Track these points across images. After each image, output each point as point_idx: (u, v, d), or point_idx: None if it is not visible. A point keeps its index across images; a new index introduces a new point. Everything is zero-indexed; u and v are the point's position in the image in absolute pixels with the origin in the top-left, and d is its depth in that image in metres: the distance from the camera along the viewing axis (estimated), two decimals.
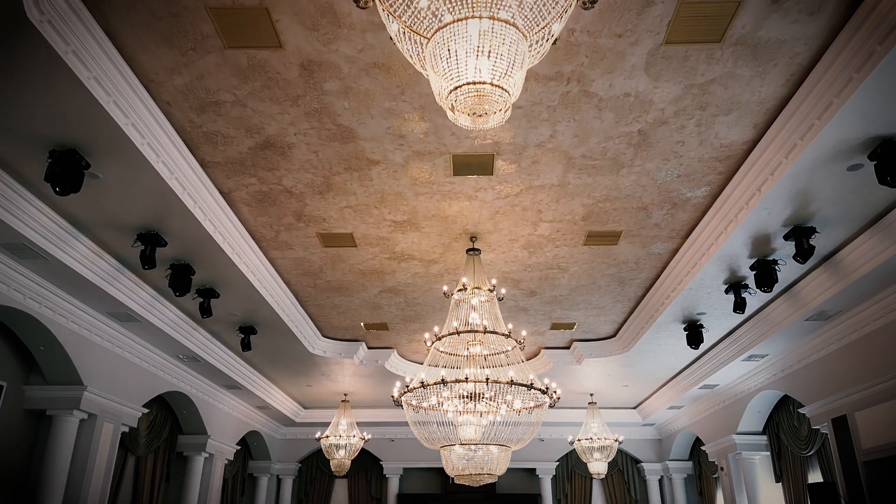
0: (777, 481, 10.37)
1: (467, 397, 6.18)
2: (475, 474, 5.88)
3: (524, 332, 6.45)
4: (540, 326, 9.65)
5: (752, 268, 6.58)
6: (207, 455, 11.06)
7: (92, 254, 6.32)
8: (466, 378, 5.63)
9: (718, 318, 8.29)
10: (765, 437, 10.64)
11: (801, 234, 5.80)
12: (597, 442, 11.76)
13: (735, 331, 8.74)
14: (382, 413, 14.20)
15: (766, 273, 6.43)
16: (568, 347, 10.63)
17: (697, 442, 13.56)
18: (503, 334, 6.13)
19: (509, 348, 6.41)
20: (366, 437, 11.99)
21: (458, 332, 6.04)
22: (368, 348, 10.66)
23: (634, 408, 14.12)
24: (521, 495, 14.81)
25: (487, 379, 5.62)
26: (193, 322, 8.52)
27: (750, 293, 7.18)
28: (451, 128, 4.99)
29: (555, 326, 9.65)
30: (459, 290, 6.35)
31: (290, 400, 13.42)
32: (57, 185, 4.69)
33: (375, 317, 9.22)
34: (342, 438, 11.87)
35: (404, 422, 14.57)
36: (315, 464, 15.23)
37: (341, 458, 11.91)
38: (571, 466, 15.06)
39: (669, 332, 8.89)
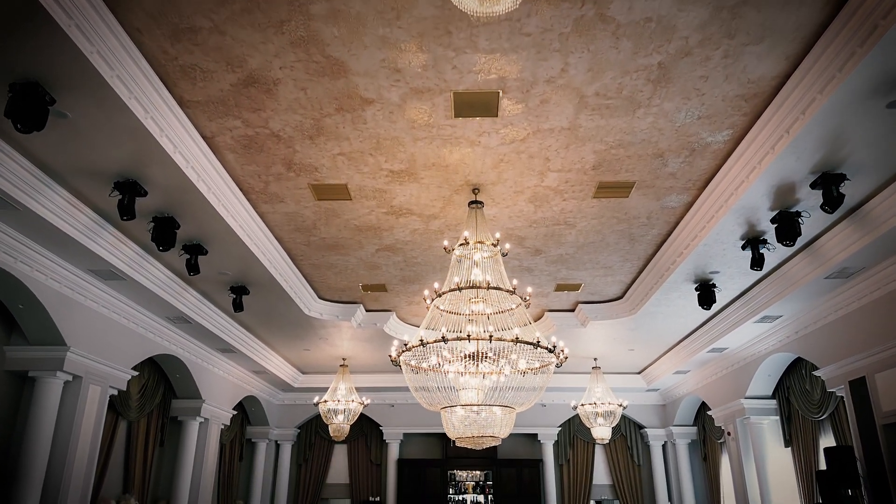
0: (786, 446, 10.12)
1: (469, 357, 5.85)
2: (477, 437, 5.56)
3: (529, 289, 6.07)
4: (544, 287, 9.28)
5: (773, 220, 6.17)
6: (202, 420, 10.81)
7: (68, 204, 5.91)
8: (469, 336, 5.27)
9: (732, 277, 7.91)
10: (774, 402, 10.36)
11: (829, 182, 5.38)
12: (601, 407, 11.51)
13: (749, 291, 8.37)
14: (382, 378, 13.95)
15: (788, 225, 6.02)
16: (573, 310, 10.28)
17: (703, 407, 13.34)
18: (508, 291, 5.76)
19: (513, 306, 6.05)
20: (365, 402, 11.74)
21: (460, 289, 5.67)
22: (367, 311, 10.32)
23: (639, 373, 13.86)
24: (523, 460, 14.66)
25: (491, 336, 5.26)
26: (182, 282, 8.16)
27: (769, 249, 6.78)
28: (452, 60, 4.53)
29: (560, 288, 9.29)
30: (461, 245, 5.96)
31: (288, 365, 13.15)
32: (19, 122, 4.26)
33: (373, 277, 8.85)
34: (340, 403, 11.64)
35: (404, 387, 14.33)
36: (314, 429, 15.07)
37: (340, 423, 11.69)
38: (574, 432, 14.88)
39: (680, 293, 8.52)
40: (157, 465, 10.48)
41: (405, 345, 5.59)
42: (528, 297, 5.87)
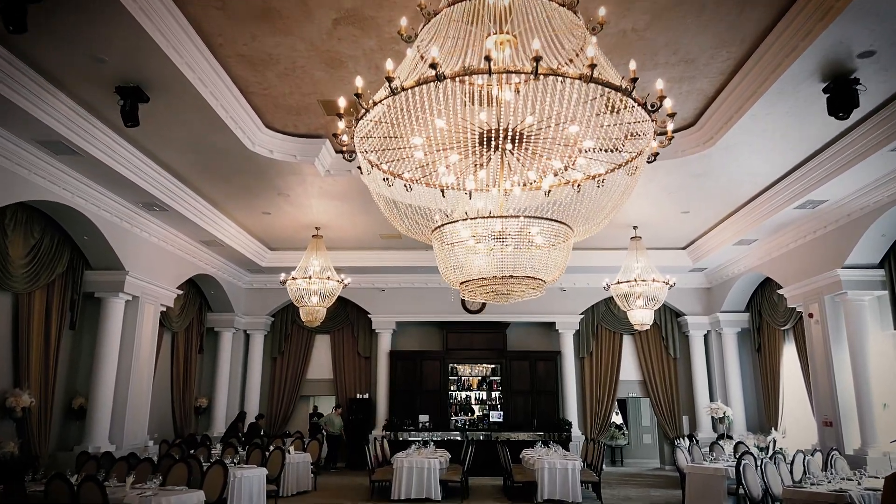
0: (895, 329, 7.67)
1: (484, 142, 3.16)
2: (501, 279, 2.94)
3: (602, 11, 3.27)
4: None
5: None
6: (129, 297, 8.34)
7: None
8: (489, 61, 2.51)
9: (890, 66, 5.08)
10: (882, 272, 7.80)
11: None
12: (641, 286, 9.02)
13: None
14: (370, 256, 11.46)
15: None
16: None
17: (761, 288, 10.89)
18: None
19: (563, 65, 3.29)
20: (344, 281, 9.28)
21: None
22: (336, 152, 7.55)
23: (684, 248, 11.27)
24: (538, 353, 12.44)
25: (536, 66, 2.51)
26: (44, 80, 5.35)
27: None
28: None
29: None
30: None
31: (249, 237, 10.57)
32: None
33: (337, 84, 6.01)
34: (314, 281, 9.18)
35: (398, 267, 11.76)
36: (290, 317, 12.78)
37: (314, 306, 9.28)
38: (598, 320, 12.58)
39: (793, 102, 5.72)
40: (69, 354, 8.11)
41: (357, 95, 2.88)
42: (599, 27, 3.09)
